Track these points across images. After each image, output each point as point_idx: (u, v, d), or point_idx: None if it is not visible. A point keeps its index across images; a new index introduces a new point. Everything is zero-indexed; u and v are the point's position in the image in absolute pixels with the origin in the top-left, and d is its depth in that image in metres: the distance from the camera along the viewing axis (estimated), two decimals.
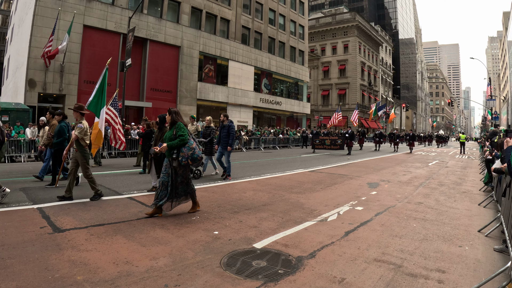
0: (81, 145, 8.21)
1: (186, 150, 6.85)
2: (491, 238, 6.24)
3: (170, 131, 7.08)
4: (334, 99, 73.48)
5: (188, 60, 35.47)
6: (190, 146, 6.91)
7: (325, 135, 31.39)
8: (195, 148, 6.97)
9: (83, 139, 8.21)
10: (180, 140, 6.81)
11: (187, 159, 6.84)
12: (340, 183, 12.05)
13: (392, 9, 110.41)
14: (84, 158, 8.22)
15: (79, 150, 8.19)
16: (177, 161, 6.86)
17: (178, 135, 6.87)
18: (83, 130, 8.16)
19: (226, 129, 12.32)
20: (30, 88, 24.65)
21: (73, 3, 26.42)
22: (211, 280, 4.12)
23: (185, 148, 6.87)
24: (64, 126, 10.07)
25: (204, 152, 12.93)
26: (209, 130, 13.17)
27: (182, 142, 6.82)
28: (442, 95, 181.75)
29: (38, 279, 3.97)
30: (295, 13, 53.65)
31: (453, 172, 16.88)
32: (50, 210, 7.13)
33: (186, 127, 7.20)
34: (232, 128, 12.41)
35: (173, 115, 7.17)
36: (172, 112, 7.22)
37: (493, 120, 59.76)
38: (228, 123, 12.41)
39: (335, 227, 6.58)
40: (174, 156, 6.85)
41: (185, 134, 6.88)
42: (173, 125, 7.15)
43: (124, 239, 5.52)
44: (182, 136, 6.84)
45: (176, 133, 6.94)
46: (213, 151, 13.27)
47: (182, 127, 7.01)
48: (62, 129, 10.00)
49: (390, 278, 4.37)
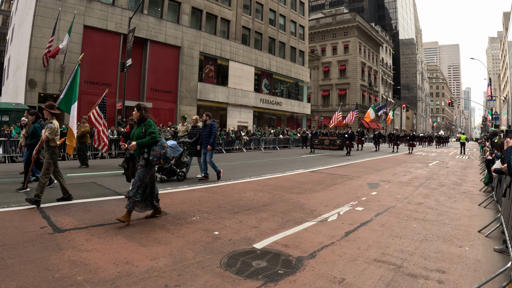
0: (50, 146, 7.77)
1: (159, 148, 6.54)
2: (491, 239, 6.24)
3: (139, 128, 6.70)
4: (334, 100, 73.45)
5: (189, 60, 35.47)
6: (163, 145, 6.62)
7: (324, 135, 31.32)
8: (166, 147, 6.68)
9: (54, 140, 7.78)
10: (151, 138, 6.47)
11: (159, 158, 6.52)
12: (340, 184, 12.05)
13: (392, 9, 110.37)
14: (50, 159, 7.74)
15: (48, 151, 7.76)
16: (145, 160, 6.50)
17: (149, 133, 6.52)
18: (53, 131, 7.72)
19: (208, 128, 11.91)
20: (31, 88, 24.67)
21: (73, 4, 26.42)
22: (211, 280, 4.12)
23: (157, 146, 6.55)
24: (38, 127, 9.51)
25: (190, 153, 12.77)
26: (195, 130, 12.77)
27: (153, 140, 6.48)
28: (442, 96, 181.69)
29: (38, 279, 3.97)
30: (296, 14, 53.64)
31: (453, 173, 16.88)
32: (51, 210, 7.13)
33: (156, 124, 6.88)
34: (215, 127, 11.99)
35: (143, 112, 6.77)
36: (141, 108, 6.82)
37: (494, 121, 59.82)
38: (211, 122, 12.00)
39: (335, 227, 6.58)
40: (146, 155, 6.49)
41: (156, 132, 6.56)
42: (142, 122, 6.75)
43: (124, 239, 5.52)
44: (154, 133, 6.51)
45: (146, 130, 6.59)
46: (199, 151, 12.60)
47: (153, 124, 6.67)
48: (36, 130, 9.51)
49: (390, 278, 4.37)
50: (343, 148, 28.05)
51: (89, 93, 27.85)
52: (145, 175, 6.49)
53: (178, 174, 11.86)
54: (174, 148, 11.09)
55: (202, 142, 12.00)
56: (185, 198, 8.86)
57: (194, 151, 12.64)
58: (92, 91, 27.99)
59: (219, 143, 28.31)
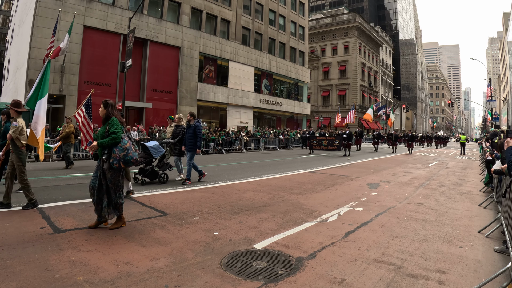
0: (16, 145, 7.44)
1: (118, 151, 5.97)
2: (492, 239, 6.24)
3: (103, 127, 6.17)
4: (334, 100, 73.46)
5: (188, 60, 35.47)
6: (123, 147, 6.03)
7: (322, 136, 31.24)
8: (128, 148, 6.07)
9: (18, 139, 7.44)
10: (112, 139, 5.94)
11: (119, 162, 5.96)
12: (340, 184, 12.06)
13: (392, 10, 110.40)
14: (19, 161, 7.43)
15: (15, 152, 7.44)
16: (107, 163, 6.01)
17: (110, 133, 5.99)
18: (17, 129, 7.42)
19: (192, 129, 11.43)
20: (30, 88, 24.60)
21: (73, 4, 26.42)
22: (211, 281, 4.12)
23: (117, 148, 5.99)
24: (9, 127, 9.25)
25: (174, 153, 12.47)
26: (179, 129, 12.27)
27: (113, 141, 5.95)
28: (442, 96, 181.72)
29: (38, 280, 3.97)
30: (296, 14, 53.66)
31: (453, 173, 16.88)
32: (51, 211, 7.13)
33: (122, 124, 6.29)
34: (199, 128, 11.49)
35: (109, 109, 6.22)
36: (109, 105, 6.26)
37: (493, 121, 59.81)
38: (195, 123, 11.50)
39: (335, 227, 6.58)
40: (105, 157, 6.02)
41: (118, 132, 6.00)
42: (107, 120, 6.20)
43: (124, 239, 5.52)
44: (115, 134, 5.97)
45: (108, 130, 6.06)
46: (182, 152, 12.18)
47: (116, 123, 6.09)
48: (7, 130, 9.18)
49: (391, 279, 4.37)
50: (341, 149, 27.84)
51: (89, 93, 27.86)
52: (115, 177, 6.07)
53: (160, 176, 11.38)
54: (156, 149, 10.91)
55: (186, 143, 11.63)
56: (185, 198, 8.86)
57: (177, 151, 12.27)
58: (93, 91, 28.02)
59: (219, 143, 28.32)
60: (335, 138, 28.77)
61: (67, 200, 8.15)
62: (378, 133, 37.11)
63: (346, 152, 26.87)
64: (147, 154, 10.84)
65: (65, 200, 8.15)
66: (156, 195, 9.24)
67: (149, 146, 10.85)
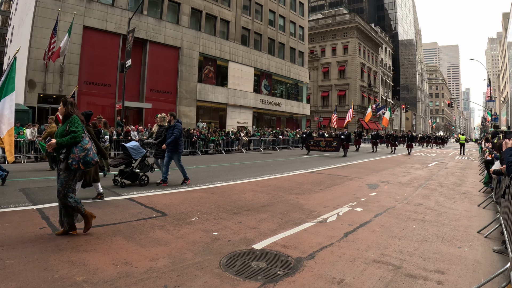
0: None
1: (78, 151, 5.60)
2: (491, 239, 6.24)
3: (63, 126, 5.80)
4: (334, 100, 73.44)
5: (188, 61, 35.48)
6: (84, 147, 5.68)
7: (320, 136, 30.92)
8: (89, 149, 5.74)
9: None
10: (72, 138, 5.56)
11: (78, 162, 5.59)
12: (340, 184, 12.05)
13: (392, 10, 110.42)
14: None
15: None
16: (64, 163, 5.62)
17: (70, 131, 5.63)
18: None
19: (171, 129, 11.07)
20: (30, 89, 24.66)
21: (73, 4, 26.43)
22: (210, 281, 4.12)
23: (77, 148, 5.61)
24: None
25: (155, 154, 12.09)
26: (161, 130, 11.82)
27: (73, 140, 5.57)
28: (442, 96, 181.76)
29: (38, 280, 3.97)
30: (295, 14, 53.69)
31: (452, 173, 16.89)
32: (50, 211, 7.13)
33: (83, 123, 6.01)
34: (177, 128, 11.08)
35: (69, 107, 5.88)
36: (68, 102, 5.92)
37: (493, 121, 59.88)
38: (175, 123, 11.15)
39: (335, 228, 6.58)
40: (62, 156, 5.61)
41: (78, 131, 5.65)
42: (67, 119, 5.86)
43: (123, 240, 5.52)
44: (75, 132, 5.61)
45: (68, 128, 5.69)
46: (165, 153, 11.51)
47: (77, 121, 5.75)
48: None
49: (389, 279, 4.37)
50: (339, 150, 27.27)
51: (89, 93, 27.90)
52: (68, 181, 5.65)
53: (140, 178, 10.85)
54: (136, 150, 10.64)
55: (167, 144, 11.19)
56: (184, 198, 8.87)
57: (160, 153, 11.76)
58: (92, 92, 28.08)
59: (219, 143, 28.29)
60: (333, 139, 27.97)
61: None
62: (376, 133, 36.88)
63: (344, 153, 26.68)
64: (126, 155, 10.56)
65: None
66: (155, 195, 9.24)
67: (129, 146, 10.59)
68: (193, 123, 34.85)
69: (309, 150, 28.64)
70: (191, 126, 32.89)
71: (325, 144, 27.70)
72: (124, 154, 10.67)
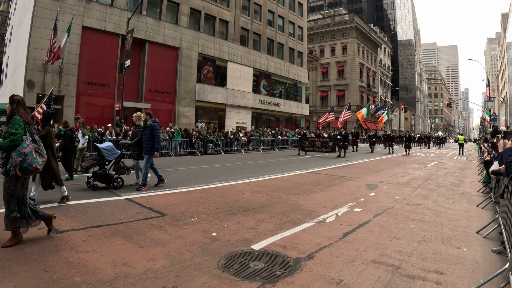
0: None
1: (16, 155, 5.12)
2: (490, 240, 6.24)
3: (7, 127, 5.32)
4: (333, 101, 73.47)
5: (187, 61, 35.46)
6: (21, 151, 5.16)
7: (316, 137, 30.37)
8: (27, 153, 5.20)
9: None
10: (10, 141, 5.10)
11: (15, 168, 5.11)
12: (339, 185, 12.06)
13: (391, 10, 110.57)
14: None
15: None
16: (4, 169, 5.19)
17: (10, 134, 5.17)
18: None
19: (148, 129, 10.51)
20: (29, 89, 24.62)
21: (72, 4, 26.40)
22: (208, 282, 4.12)
23: (15, 152, 5.14)
24: None
25: (131, 155, 11.64)
26: (137, 130, 11.25)
27: (11, 144, 5.10)
28: (440, 97, 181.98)
29: (36, 280, 3.97)
30: (294, 15, 53.72)
31: (451, 174, 16.89)
32: (48, 211, 7.11)
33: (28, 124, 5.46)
34: (156, 129, 10.56)
35: (14, 105, 5.36)
36: (14, 101, 5.40)
37: (492, 122, 59.89)
38: (152, 123, 10.57)
39: (333, 228, 6.58)
40: (1, 162, 5.22)
41: (18, 133, 5.16)
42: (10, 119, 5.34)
43: (122, 240, 5.51)
44: (14, 135, 5.13)
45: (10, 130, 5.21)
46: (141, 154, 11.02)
47: (18, 122, 5.23)
48: None
49: (388, 279, 4.37)
50: (335, 150, 26.73)
51: (88, 94, 27.87)
52: (10, 185, 5.21)
53: (114, 181, 10.25)
54: (110, 151, 10.24)
55: (144, 146, 10.69)
56: (183, 199, 8.86)
57: (136, 154, 11.22)
58: (90, 92, 28.04)
59: (218, 144, 28.29)
60: (329, 139, 27.39)
61: None
62: (374, 133, 36.82)
63: (341, 154, 26.22)
64: (99, 157, 10.19)
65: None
66: (154, 195, 9.23)
67: (102, 147, 10.18)
68: (192, 124, 34.83)
69: (305, 151, 28.16)
70: (190, 126, 32.84)
71: (320, 145, 27.02)
72: (97, 155, 10.32)
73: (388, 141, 35.16)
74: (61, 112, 25.93)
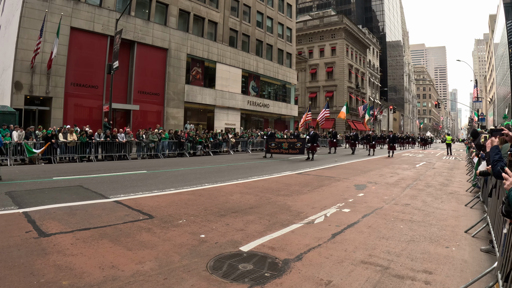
0: None
1: None
2: (478, 239, 6.28)
3: None
4: (322, 102, 73.45)
5: (176, 62, 35.37)
6: None
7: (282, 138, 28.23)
8: None
9: None
10: None
11: None
12: (327, 185, 12.07)
13: (379, 12, 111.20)
14: None
15: None
16: None
17: None
18: None
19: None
20: (17, 90, 24.39)
21: (60, 5, 26.20)
22: (197, 284, 4.10)
23: None
24: None
25: None
26: None
27: None
28: (429, 97, 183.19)
29: (23, 285, 3.92)
30: (283, 16, 53.81)
31: (440, 173, 17.00)
32: (36, 214, 7.05)
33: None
34: None
35: None
36: None
37: (480, 122, 60.44)
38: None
39: (322, 229, 6.58)
40: None
41: None
42: None
43: (110, 243, 5.47)
44: None
45: None
46: None
47: None
48: None
49: (377, 280, 4.38)
50: (304, 152, 24.44)
51: (76, 95, 27.67)
52: None
53: None
54: None
55: None
56: (172, 201, 8.82)
57: None
58: (79, 94, 27.83)
59: (206, 145, 28.22)
60: (297, 140, 24.88)
61: (52, 203, 8.06)
62: (355, 133, 35.66)
63: (310, 156, 24.12)
64: None
65: (50, 203, 8.06)
66: (142, 197, 9.17)
67: None
68: (181, 125, 34.75)
69: (271, 153, 25.72)
70: (179, 127, 32.78)
71: (287, 146, 24.72)
72: None
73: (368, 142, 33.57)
74: (49, 114, 25.75)
